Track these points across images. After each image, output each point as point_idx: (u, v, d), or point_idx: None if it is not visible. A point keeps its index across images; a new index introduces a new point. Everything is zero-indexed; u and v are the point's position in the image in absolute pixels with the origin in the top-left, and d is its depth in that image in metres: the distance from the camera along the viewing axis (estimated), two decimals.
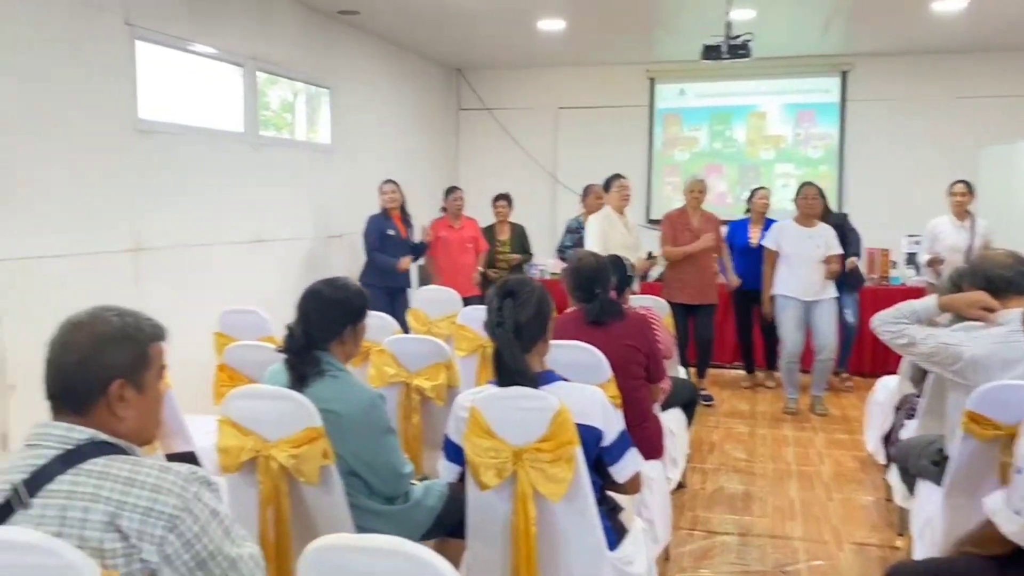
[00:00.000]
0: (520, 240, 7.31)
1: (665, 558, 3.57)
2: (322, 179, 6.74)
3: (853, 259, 6.34)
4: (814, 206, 6.01)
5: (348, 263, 6.75)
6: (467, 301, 5.07)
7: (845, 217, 6.67)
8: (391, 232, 6.38)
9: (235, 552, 1.60)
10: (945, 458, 2.87)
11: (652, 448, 3.41)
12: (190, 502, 1.54)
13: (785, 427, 5.80)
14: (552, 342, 3.08)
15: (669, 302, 6.21)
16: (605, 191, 6.17)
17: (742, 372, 7.07)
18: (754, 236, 6.72)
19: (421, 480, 2.73)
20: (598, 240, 5.73)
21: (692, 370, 6.51)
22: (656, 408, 3.67)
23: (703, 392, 6.44)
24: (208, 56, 5.43)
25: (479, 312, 3.48)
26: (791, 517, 4.15)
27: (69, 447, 1.56)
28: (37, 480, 1.53)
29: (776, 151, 8.78)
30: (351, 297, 2.60)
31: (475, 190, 7.92)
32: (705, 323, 6.33)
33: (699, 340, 6.36)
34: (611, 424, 2.42)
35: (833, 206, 7.37)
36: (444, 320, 4.76)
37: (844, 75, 8.53)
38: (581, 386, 2.47)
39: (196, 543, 1.53)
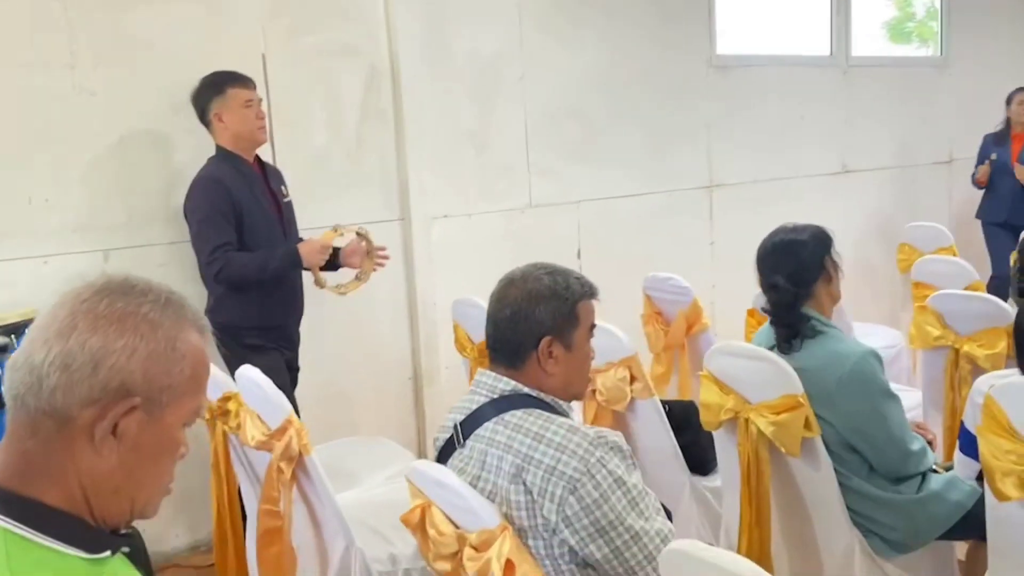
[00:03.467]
0: None
1: None
2: (928, 98, 5.94)
3: None
4: None
5: (957, 193, 5.91)
6: None
7: None
8: (994, 156, 5.28)
9: (640, 525, 1.53)
10: None
11: None
12: (592, 466, 1.52)
13: None
14: None
15: None
16: None
17: None
18: None
19: (948, 469, 2.28)
20: None
21: None
22: None
23: None
24: None
25: None
26: None
27: (495, 396, 1.66)
28: (470, 423, 1.67)
29: None
30: (807, 240, 2.29)
31: None
32: None
33: None
34: None
35: None
36: None
37: None
38: None
39: (595, 509, 1.51)
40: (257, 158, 3.07)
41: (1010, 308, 2.59)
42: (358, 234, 3.10)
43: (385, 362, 3.76)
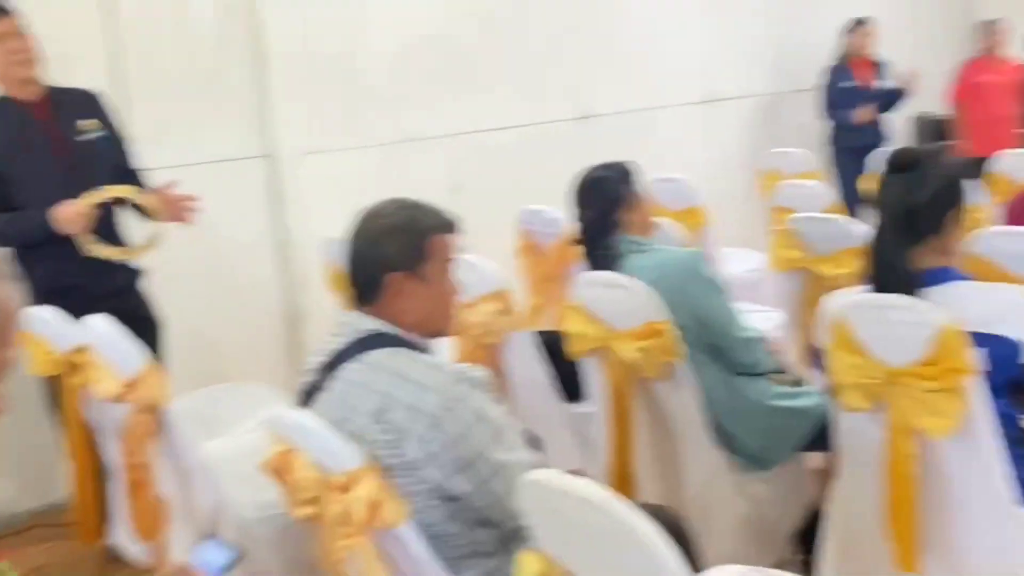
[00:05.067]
0: None
1: None
2: (791, 23, 6.09)
3: None
4: None
5: (808, 120, 6.10)
6: None
7: None
8: (846, 84, 5.58)
9: (504, 457, 1.54)
10: None
11: None
12: (453, 402, 1.51)
13: None
14: (1003, 228, 2.46)
15: None
16: None
17: None
18: None
19: (797, 384, 2.40)
20: None
21: None
22: None
23: None
24: None
25: None
26: None
27: (357, 336, 1.62)
28: (332, 364, 1.64)
29: None
30: (608, 175, 2.47)
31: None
32: None
33: None
34: None
35: None
36: None
37: None
38: (990, 286, 1.92)
39: (459, 444, 1.51)
40: (49, 94, 2.70)
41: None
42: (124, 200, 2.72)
43: (256, 306, 3.66)
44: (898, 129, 6.26)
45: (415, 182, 3.98)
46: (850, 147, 5.57)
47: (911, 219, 1.88)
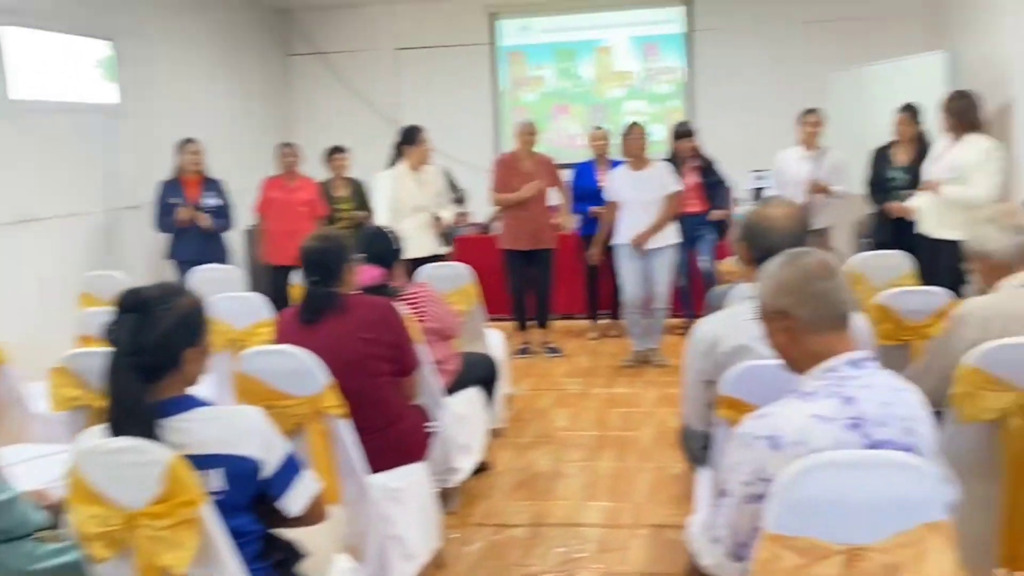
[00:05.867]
0: (360, 195, 6.68)
1: (439, 566, 3.20)
2: (110, 144, 5.99)
3: (719, 212, 6.37)
4: (635, 146, 5.64)
5: (147, 236, 6.07)
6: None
7: (711, 164, 6.36)
8: (173, 200, 5.76)
9: None
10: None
11: (407, 451, 3.00)
12: None
13: (620, 383, 5.51)
14: (263, 348, 2.66)
15: (505, 250, 6.12)
16: (408, 145, 5.69)
17: (593, 322, 6.80)
18: (601, 178, 6.42)
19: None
20: (388, 204, 5.49)
21: (532, 323, 6.31)
22: (430, 397, 3.27)
23: (549, 345, 6.23)
24: None
25: None
26: (594, 497, 3.82)
27: None
28: None
29: (625, 88, 8.36)
30: None
31: (313, 145, 7.04)
32: (541, 269, 6.17)
33: (536, 288, 6.21)
34: (271, 449, 1.97)
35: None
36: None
37: (689, 5, 8.10)
38: (229, 409, 2.07)
39: None
40: None
41: None
42: None
43: None
44: (235, 241, 6.57)
45: None
46: (187, 260, 5.65)
47: (144, 358, 1.89)
